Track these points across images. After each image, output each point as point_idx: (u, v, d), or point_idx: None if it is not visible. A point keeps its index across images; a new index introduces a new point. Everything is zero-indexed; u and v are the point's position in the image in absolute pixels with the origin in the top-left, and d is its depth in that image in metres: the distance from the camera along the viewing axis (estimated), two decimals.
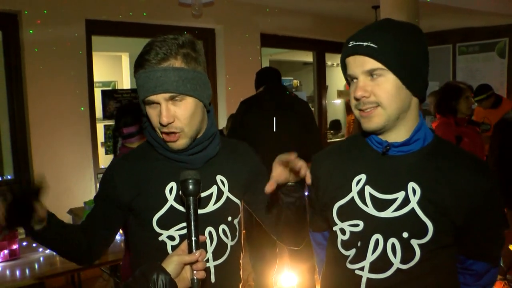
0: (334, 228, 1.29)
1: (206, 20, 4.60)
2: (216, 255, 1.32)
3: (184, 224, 1.26)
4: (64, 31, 3.67)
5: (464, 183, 1.16)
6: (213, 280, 1.30)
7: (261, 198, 1.47)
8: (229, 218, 1.36)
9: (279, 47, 5.94)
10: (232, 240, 1.37)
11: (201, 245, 1.09)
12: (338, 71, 7.92)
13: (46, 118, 3.63)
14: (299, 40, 5.72)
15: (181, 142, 1.25)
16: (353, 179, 1.26)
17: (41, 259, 2.62)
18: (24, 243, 2.86)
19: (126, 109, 2.82)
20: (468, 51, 6.78)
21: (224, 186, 1.35)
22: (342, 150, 1.37)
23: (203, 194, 1.30)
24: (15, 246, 2.60)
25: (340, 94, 8.68)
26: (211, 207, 1.31)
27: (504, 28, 6.32)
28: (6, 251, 2.55)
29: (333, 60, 8.03)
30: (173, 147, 1.26)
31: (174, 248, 1.27)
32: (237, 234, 1.40)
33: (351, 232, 1.24)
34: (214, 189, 1.33)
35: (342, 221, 1.26)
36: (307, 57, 7.25)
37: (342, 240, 1.27)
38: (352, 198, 1.24)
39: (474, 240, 1.22)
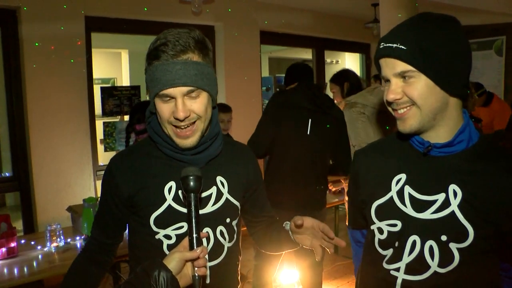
0: (372, 227, 1.28)
1: (206, 17, 4.59)
2: (212, 256, 1.31)
3: (181, 224, 1.27)
4: (64, 27, 3.66)
5: (508, 187, 1.11)
6: (208, 281, 1.30)
7: (253, 210, 1.50)
8: (228, 220, 1.35)
9: (279, 44, 5.92)
10: (229, 241, 1.36)
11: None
12: (337, 69, 7.91)
13: (45, 114, 3.62)
14: (298, 38, 5.71)
15: (193, 139, 1.23)
16: (393, 178, 1.23)
17: (40, 257, 2.61)
18: (23, 241, 2.85)
19: (140, 106, 2.91)
20: None
21: (223, 188, 1.34)
22: (383, 148, 1.34)
23: (202, 195, 1.29)
24: (13, 244, 2.59)
25: None
26: (209, 208, 1.30)
27: (501, 26, 6.34)
28: (4, 249, 2.54)
29: (332, 58, 8.03)
30: (183, 145, 1.23)
31: (170, 247, 1.27)
32: (235, 235, 1.39)
33: (388, 232, 1.22)
34: (213, 190, 1.32)
35: (380, 220, 1.24)
36: (306, 54, 7.24)
37: (379, 240, 1.25)
38: (391, 197, 1.22)
39: None
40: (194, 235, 1.06)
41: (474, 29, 6.57)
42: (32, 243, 2.81)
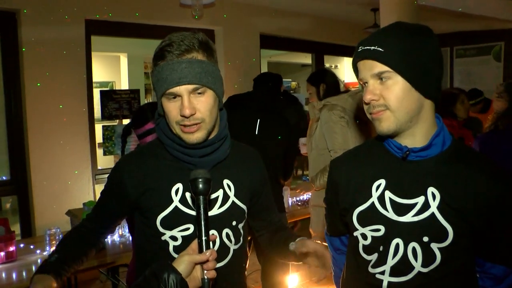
0: (355, 234, 1.29)
1: (206, 21, 4.60)
2: (218, 258, 1.30)
3: (187, 225, 1.28)
4: (64, 30, 3.65)
5: (482, 187, 1.16)
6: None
7: (260, 214, 1.52)
8: (234, 223, 1.36)
9: (278, 48, 5.95)
10: (235, 244, 1.36)
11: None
12: (337, 74, 7.93)
13: (44, 118, 3.60)
14: (298, 42, 5.73)
15: (199, 135, 1.24)
16: (372, 184, 1.26)
17: (39, 261, 2.58)
18: (22, 245, 2.82)
19: (139, 111, 2.93)
20: (466, 54, 6.83)
21: (230, 191, 1.35)
22: (359, 155, 1.37)
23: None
24: (12, 248, 2.56)
25: None
26: (215, 211, 1.31)
27: (500, 32, 6.40)
28: (2, 253, 2.52)
29: (331, 62, 8.06)
30: (190, 140, 1.24)
31: (175, 248, 1.28)
32: (242, 238, 1.40)
33: (372, 237, 1.24)
34: (220, 192, 1.33)
35: (363, 226, 1.27)
36: (306, 59, 7.28)
37: (364, 245, 1.27)
38: (373, 203, 1.25)
39: (493, 244, 1.22)
40: (204, 238, 1.06)
41: (472, 34, 6.62)
42: (31, 247, 2.78)
